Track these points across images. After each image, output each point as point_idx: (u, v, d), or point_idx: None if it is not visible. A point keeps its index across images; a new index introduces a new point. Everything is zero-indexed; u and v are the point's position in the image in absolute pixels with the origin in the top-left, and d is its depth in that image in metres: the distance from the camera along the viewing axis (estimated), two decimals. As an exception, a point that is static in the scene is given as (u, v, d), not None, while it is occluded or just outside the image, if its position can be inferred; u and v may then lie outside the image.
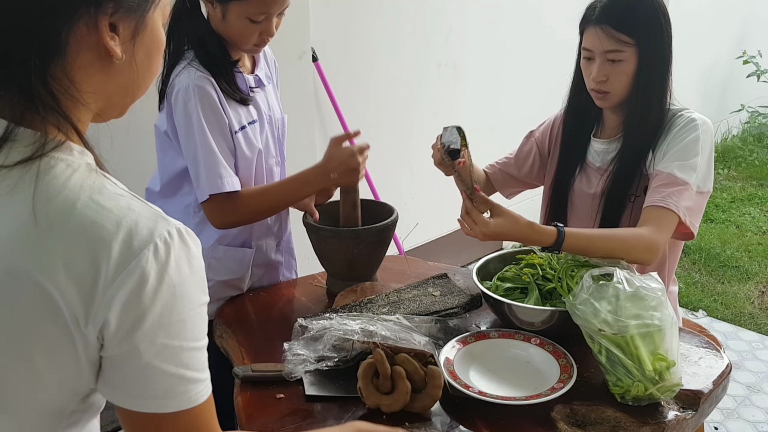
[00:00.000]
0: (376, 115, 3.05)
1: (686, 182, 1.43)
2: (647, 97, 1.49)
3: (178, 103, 1.43)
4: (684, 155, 1.45)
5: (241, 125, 1.49)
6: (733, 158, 5.40)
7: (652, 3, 1.46)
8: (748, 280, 3.47)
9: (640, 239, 1.38)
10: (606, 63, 1.47)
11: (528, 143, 1.79)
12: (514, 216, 1.32)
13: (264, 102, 1.58)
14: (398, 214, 1.60)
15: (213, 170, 1.42)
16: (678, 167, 1.44)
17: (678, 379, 1.12)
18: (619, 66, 1.46)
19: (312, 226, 1.56)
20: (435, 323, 1.34)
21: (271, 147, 1.61)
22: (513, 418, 1.13)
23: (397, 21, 3.02)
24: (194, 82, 1.41)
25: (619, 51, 1.45)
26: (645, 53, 1.45)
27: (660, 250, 1.39)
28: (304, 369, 1.22)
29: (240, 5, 1.39)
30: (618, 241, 1.37)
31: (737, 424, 2.42)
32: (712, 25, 5.21)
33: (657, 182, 1.45)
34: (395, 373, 1.10)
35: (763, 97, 5.50)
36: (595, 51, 1.47)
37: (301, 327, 1.29)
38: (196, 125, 1.41)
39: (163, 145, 1.53)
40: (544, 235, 1.32)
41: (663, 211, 1.41)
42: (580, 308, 1.15)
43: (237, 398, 1.21)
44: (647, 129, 1.51)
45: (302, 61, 2.60)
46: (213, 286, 1.56)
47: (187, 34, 1.46)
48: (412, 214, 3.33)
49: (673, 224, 1.42)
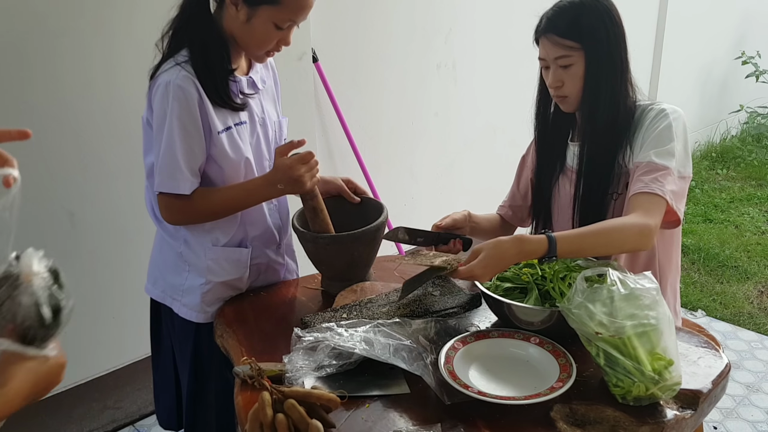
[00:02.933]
0: (376, 116, 3.06)
1: (667, 167, 1.45)
2: (596, 97, 1.52)
3: (157, 97, 1.43)
4: (659, 142, 1.47)
5: (227, 126, 1.48)
6: (731, 158, 5.40)
7: (595, 7, 1.49)
8: (747, 280, 3.47)
9: (632, 226, 1.38)
10: (559, 69, 1.52)
11: (523, 168, 1.85)
12: (496, 244, 1.32)
13: (257, 104, 1.57)
14: (387, 209, 1.62)
15: (168, 170, 1.43)
16: (656, 154, 1.46)
17: (678, 378, 1.13)
18: (570, 70, 1.51)
19: (309, 235, 1.56)
20: (434, 323, 1.35)
21: (264, 150, 1.60)
22: (512, 418, 1.13)
23: (397, 21, 3.02)
24: (176, 81, 1.40)
25: (567, 56, 1.50)
26: (591, 55, 1.49)
27: (653, 234, 1.39)
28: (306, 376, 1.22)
29: (271, 9, 1.39)
30: (611, 233, 1.38)
31: (736, 424, 2.43)
32: (711, 25, 5.22)
33: (638, 172, 1.47)
34: (276, 422, 0.98)
35: (761, 98, 5.51)
36: (548, 59, 1.53)
37: (297, 337, 1.28)
38: (167, 124, 1.41)
39: (147, 136, 1.53)
40: (535, 245, 1.32)
41: (649, 197, 1.42)
42: (575, 312, 1.15)
43: (237, 398, 1.21)
44: (601, 126, 1.53)
45: (302, 62, 2.60)
46: (212, 288, 1.57)
47: (191, 36, 1.45)
48: (412, 214, 3.34)
49: (661, 208, 1.42)
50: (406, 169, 3.28)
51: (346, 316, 1.40)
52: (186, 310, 1.58)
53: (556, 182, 1.70)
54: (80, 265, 2.23)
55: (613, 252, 1.42)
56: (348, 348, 1.22)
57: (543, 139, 1.71)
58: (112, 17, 2.12)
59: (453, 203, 1.76)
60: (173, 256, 1.58)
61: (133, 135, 2.21)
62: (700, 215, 4.33)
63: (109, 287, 2.32)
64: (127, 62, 2.14)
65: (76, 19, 2.05)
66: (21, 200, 0.79)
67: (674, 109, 1.52)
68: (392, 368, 1.24)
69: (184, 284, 1.57)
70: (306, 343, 1.25)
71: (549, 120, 1.68)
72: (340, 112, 2.81)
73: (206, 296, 1.56)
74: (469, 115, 3.47)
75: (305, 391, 1.03)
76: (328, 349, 1.23)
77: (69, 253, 2.20)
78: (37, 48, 2.00)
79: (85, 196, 2.18)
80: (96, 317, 2.31)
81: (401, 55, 3.07)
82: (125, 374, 2.44)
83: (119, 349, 2.39)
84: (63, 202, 2.14)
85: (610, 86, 1.52)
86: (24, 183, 2.31)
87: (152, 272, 1.66)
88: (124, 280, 2.32)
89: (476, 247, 1.35)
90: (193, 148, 1.44)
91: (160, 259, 1.63)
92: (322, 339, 1.25)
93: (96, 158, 2.18)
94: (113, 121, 2.18)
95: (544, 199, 1.73)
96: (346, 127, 2.84)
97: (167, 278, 1.60)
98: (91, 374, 2.35)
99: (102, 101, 2.15)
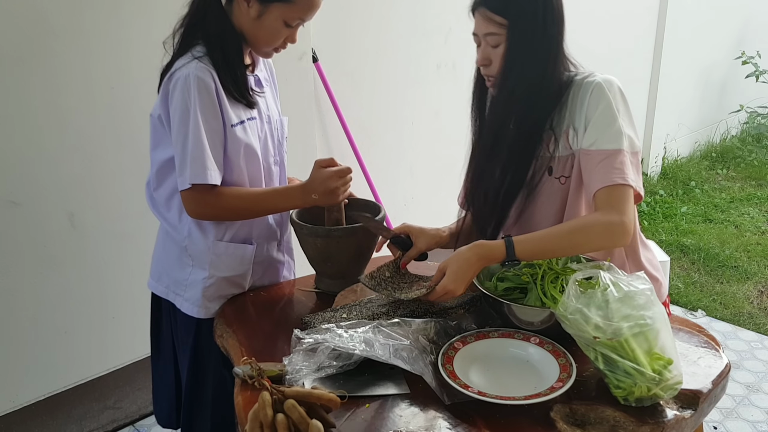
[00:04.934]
0: (376, 116, 3.06)
1: (619, 149, 1.38)
2: (511, 68, 1.44)
3: (176, 91, 1.43)
4: (604, 126, 1.40)
5: (240, 120, 1.50)
6: (732, 158, 5.41)
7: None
8: (747, 280, 3.47)
9: (595, 225, 1.34)
10: (488, 47, 1.46)
11: None
12: (457, 254, 1.33)
13: (263, 102, 1.60)
14: (384, 209, 1.64)
15: (200, 161, 1.43)
16: (605, 140, 1.39)
17: (679, 377, 1.12)
18: (498, 50, 1.44)
19: (322, 229, 1.56)
20: (434, 324, 1.35)
21: (270, 146, 1.62)
22: (512, 418, 1.13)
23: (397, 21, 3.02)
24: (195, 73, 1.41)
25: (496, 34, 1.43)
26: (515, 31, 1.42)
27: (626, 228, 1.34)
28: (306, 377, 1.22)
29: (282, 7, 1.41)
30: (574, 234, 1.34)
31: (736, 424, 2.43)
32: (711, 25, 5.22)
33: (591, 163, 1.40)
34: (276, 422, 0.98)
35: (761, 98, 5.51)
36: (479, 35, 1.48)
37: (297, 338, 1.28)
38: (192, 115, 1.42)
39: (157, 133, 1.53)
40: (493, 249, 1.32)
41: (611, 189, 1.36)
42: (571, 318, 1.14)
43: (237, 397, 1.21)
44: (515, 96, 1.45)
45: (302, 62, 2.60)
46: (215, 282, 1.57)
47: (208, 32, 1.46)
48: (412, 214, 3.34)
49: (628, 196, 1.37)
50: (406, 169, 3.28)
51: (346, 316, 1.40)
52: (188, 305, 1.58)
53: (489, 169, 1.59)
54: (80, 265, 2.23)
55: (582, 252, 1.38)
56: (348, 349, 1.22)
57: (478, 119, 1.65)
58: (113, 16, 2.12)
59: (453, 203, 1.76)
60: (177, 251, 1.59)
61: (134, 135, 2.22)
62: (700, 215, 4.33)
63: (109, 287, 2.32)
64: (128, 62, 2.14)
65: (76, 18, 2.05)
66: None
67: (608, 80, 1.43)
68: (392, 368, 1.24)
69: (188, 279, 1.58)
70: (306, 345, 1.25)
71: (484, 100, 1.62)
72: (340, 111, 2.81)
73: (208, 291, 1.57)
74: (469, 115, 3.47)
75: (305, 391, 1.03)
76: (328, 351, 1.23)
77: (69, 253, 2.20)
78: (38, 48, 2.00)
79: (85, 196, 2.19)
80: (96, 317, 2.31)
81: (401, 55, 3.07)
82: (125, 374, 2.44)
83: (119, 349, 2.40)
84: (63, 202, 2.14)
85: (533, 62, 1.43)
86: (24, 183, 2.34)
87: (155, 268, 1.66)
88: (123, 280, 2.32)
89: (441, 265, 1.35)
90: (215, 139, 1.45)
91: (163, 255, 1.64)
92: (322, 340, 1.25)
93: (96, 158, 2.18)
94: (113, 121, 2.18)
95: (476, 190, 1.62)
96: (346, 127, 2.84)
97: (171, 273, 1.61)
98: (91, 374, 2.35)
99: (102, 101, 2.15)
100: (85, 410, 2.37)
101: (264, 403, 0.98)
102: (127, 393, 2.46)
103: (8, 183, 2.02)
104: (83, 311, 2.28)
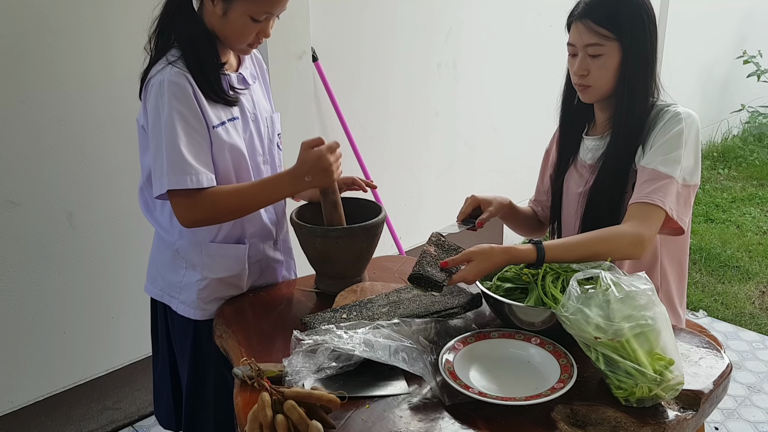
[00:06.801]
0: (376, 115, 3.05)
1: (670, 176, 1.44)
2: (631, 93, 1.51)
3: (150, 97, 1.42)
4: (668, 149, 1.46)
5: (221, 121, 1.48)
6: (733, 158, 5.40)
7: (635, 1, 1.48)
8: (748, 280, 3.47)
9: (623, 236, 1.38)
10: (587, 57, 1.51)
11: (546, 162, 1.83)
12: (489, 254, 1.33)
13: (248, 100, 1.57)
14: (385, 209, 1.64)
15: (176, 166, 1.39)
16: (661, 162, 1.45)
17: (681, 377, 1.12)
18: (599, 60, 1.49)
19: (320, 229, 1.54)
20: (434, 324, 1.34)
21: (257, 145, 1.60)
22: (513, 419, 1.13)
23: (397, 21, 3.02)
24: (169, 78, 1.40)
25: (599, 45, 1.48)
26: (627, 49, 1.48)
27: (646, 243, 1.39)
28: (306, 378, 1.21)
29: (245, 3, 1.40)
30: (601, 243, 1.38)
31: (738, 424, 2.42)
32: (713, 25, 5.21)
33: (642, 179, 1.46)
34: (276, 423, 0.99)
35: (763, 97, 5.51)
36: (578, 45, 1.51)
37: (297, 339, 1.28)
38: (165, 120, 1.40)
39: (143, 141, 1.52)
40: (524, 255, 1.34)
41: (647, 207, 1.42)
42: (572, 318, 1.14)
43: (237, 398, 1.21)
44: (632, 125, 1.52)
45: (302, 61, 2.60)
46: (209, 284, 1.56)
47: (179, 34, 1.45)
48: (412, 214, 3.34)
49: (659, 218, 1.42)
50: (406, 168, 3.28)
51: (346, 317, 1.40)
52: (184, 308, 1.57)
53: (567, 175, 1.69)
54: (79, 265, 2.23)
55: (600, 259, 1.42)
56: (348, 350, 1.22)
57: (565, 131, 1.70)
58: (112, 16, 2.11)
59: (453, 203, 1.75)
60: (170, 254, 1.58)
61: (133, 135, 2.20)
62: (702, 215, 4.32)
63: (108, 288, 2.31)
64: (127, 61, 2.13)
65: (76, 17, 2.04)
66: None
67: (689, 114, 1.50)
68: (392, 369, 1.24)
69: (182, 281, 1.57)
70: (305, 346, 1.24)
71: (572, 112, 1.67)
72: (340, 111, 2.81)
73: (202, 293, 1.56)
74: (470, 114, 3.47)
75: (305, 392, 1.02)
76: (328, 351, 1.23)
77: (68, 253, 2.19)
78: (37, 47, 1.99)
79: (84, 196, 2.18)
80: (95, 318, 2.31)
81: (401, 54, 3.07)
82: (124, 375, 2.43)
83: (118, 349, 2.39)
84: (63, 202, 2.14)
85: (643, 84, 1.51)
86: (23, 183, 2.33)
87: (151, 271, 1.65)
88: (123, 280, 2.32)
89: (469, 252, 1.35)
90: (199, 140, 1.43)
91: (158, 258, 1.63)
92: (322, 341, 1.24)
93: (95, 158, 2.18)
94: (113, 121, 2.18)
95: (555, 191, 1.72)
96: (346, 127, 2.84)
97: (165, 276, 1.60)
98: (90, 375, 2.35)
99: (102, 101, 2.15)
100: (85, 411, 2.36)
101: (263, 403, 0.98)
102: (126, 393, 2.46)
103: (7, 183, 2.02)
104: (82, 311, 2.27)
